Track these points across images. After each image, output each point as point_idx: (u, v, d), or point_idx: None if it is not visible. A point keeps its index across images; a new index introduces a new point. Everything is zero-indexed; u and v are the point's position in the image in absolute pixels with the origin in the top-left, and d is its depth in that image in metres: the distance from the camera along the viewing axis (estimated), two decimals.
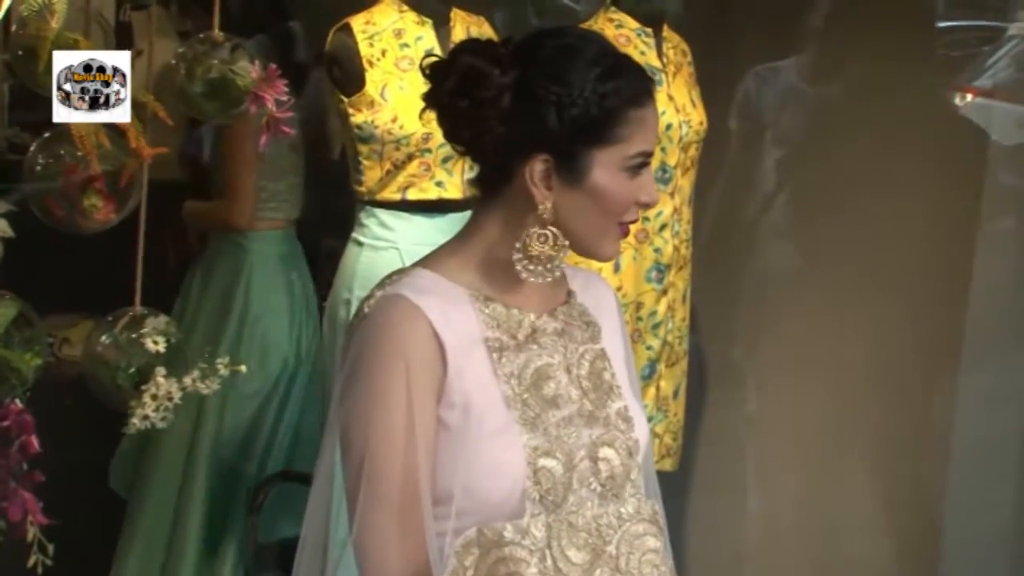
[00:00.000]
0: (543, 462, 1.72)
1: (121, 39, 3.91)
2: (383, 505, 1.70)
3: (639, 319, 3.21)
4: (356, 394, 1.74)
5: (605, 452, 1.78)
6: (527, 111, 1.73)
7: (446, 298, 1.75)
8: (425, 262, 1.82)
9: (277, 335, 3.59)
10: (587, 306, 1.89)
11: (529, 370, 1.76)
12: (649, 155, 1.78)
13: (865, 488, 3.59)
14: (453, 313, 1.75)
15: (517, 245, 1.76)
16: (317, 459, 1.85)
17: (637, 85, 1.76)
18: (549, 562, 1.72)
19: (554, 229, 1.76)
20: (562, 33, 1.80)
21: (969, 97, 3.44)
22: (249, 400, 3.57)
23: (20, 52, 2.54)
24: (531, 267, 1.77)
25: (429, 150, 3.04)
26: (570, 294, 1.88)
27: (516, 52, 1.76)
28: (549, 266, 1.77)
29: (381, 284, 1.80)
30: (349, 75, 3.05)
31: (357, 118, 3.03)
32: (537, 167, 1.74)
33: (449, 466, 1.72)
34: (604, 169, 1.74)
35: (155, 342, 2.72)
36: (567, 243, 1.77)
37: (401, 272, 1.81)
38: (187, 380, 2.73)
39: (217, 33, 2.78)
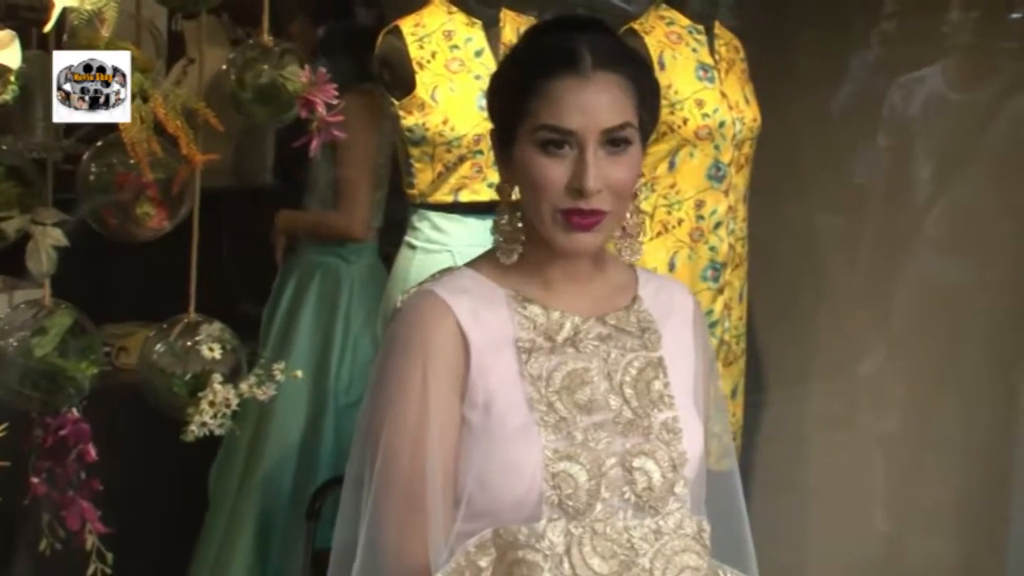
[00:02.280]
0: (563, 466, 1.69)
1: (174, 48, 3.94)
2: (393, 495, 1.70)
3: None
4: (378, 387, 1.75)
5: (642, 462, 1.74)
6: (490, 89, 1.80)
7: (482, 298, 1.75)
8: (472, 263, 1.83)
9: (370, 344, 3.56)
10: (652, 313, 1.84)
11: (560, 373, 1.74)
12: (561, 131, 1.67)
13: (931, 491, 3.54)
14: (486, 313, 1.74)
15: (494, 220, 1.78)
16: (348, 461, 1.85)
17: (553, 56, 1.68)
18: (567, 568, 1.68)
19: (512, 206, 1.76)
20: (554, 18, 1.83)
21: None
22: (351, 409, 3.55)
23: None
24: (502, 245, 1.77)
25: (480, 151, 3.02)
26: (635, 299, 1.84)
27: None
28: (513, 245, 1.76)
29: (421, 282, 1.81)
30: (399, 78, 3.04)
31: (408, 121, 3.02)
32: (491, 139, 1.79)
33: (469, 464, 1.71)
34: (519, 144, 1.72)
35: (211, 349, 2.72)
36: (521, 223, 1.76)
37: (444, 271, 1.82)
38: (243, 386, 2.73)
39: (267, 38, 2.78)
